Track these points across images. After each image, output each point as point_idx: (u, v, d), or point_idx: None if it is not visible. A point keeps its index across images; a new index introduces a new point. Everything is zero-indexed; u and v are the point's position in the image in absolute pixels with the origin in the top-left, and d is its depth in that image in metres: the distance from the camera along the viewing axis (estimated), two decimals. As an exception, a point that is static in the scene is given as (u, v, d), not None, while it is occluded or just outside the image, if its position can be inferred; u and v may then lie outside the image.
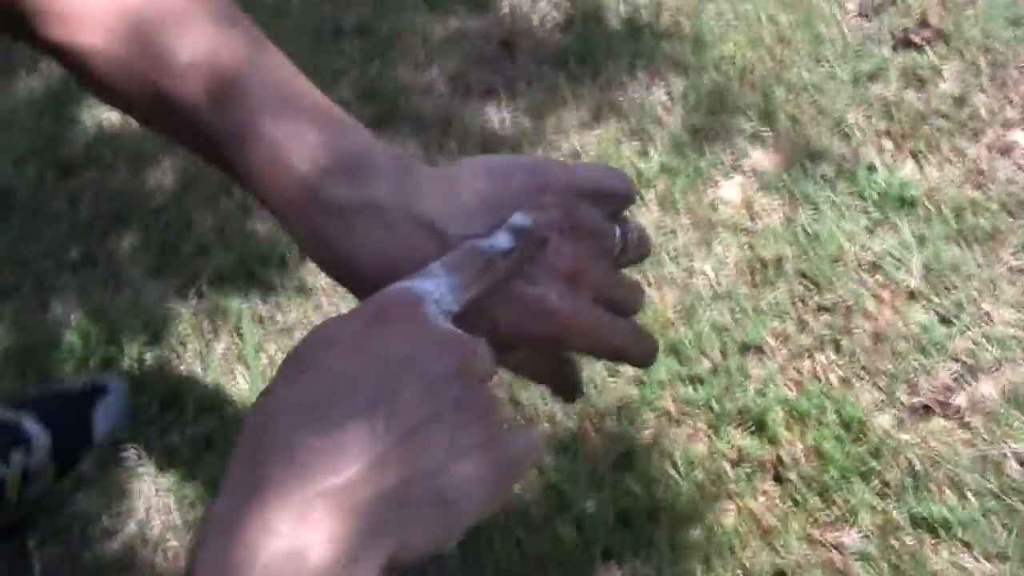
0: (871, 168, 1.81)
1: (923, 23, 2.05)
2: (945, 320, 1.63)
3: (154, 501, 1.50)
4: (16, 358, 1.63)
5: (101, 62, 0.77)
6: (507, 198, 0.69)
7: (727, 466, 1.50)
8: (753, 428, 1.53)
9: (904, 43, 2.02)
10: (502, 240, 0.66)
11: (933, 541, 1.43)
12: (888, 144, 1.85)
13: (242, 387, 1.59)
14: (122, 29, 0.76)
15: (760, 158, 1.84)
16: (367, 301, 0.61)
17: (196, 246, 1.76)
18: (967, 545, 1.42)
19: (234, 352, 1.64)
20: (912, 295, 1.66)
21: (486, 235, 0.67)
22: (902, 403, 1.55)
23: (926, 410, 1.55)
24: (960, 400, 1.55)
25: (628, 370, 1.57)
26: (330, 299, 1.69)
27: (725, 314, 1.65)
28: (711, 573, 1.40)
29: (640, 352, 0.74)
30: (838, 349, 1.61)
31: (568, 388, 0.78)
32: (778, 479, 1.49)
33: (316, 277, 1.71)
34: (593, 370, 1.57)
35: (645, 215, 1.78)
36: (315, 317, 1.62)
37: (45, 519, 1.48)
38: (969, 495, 1.46)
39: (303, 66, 0.68)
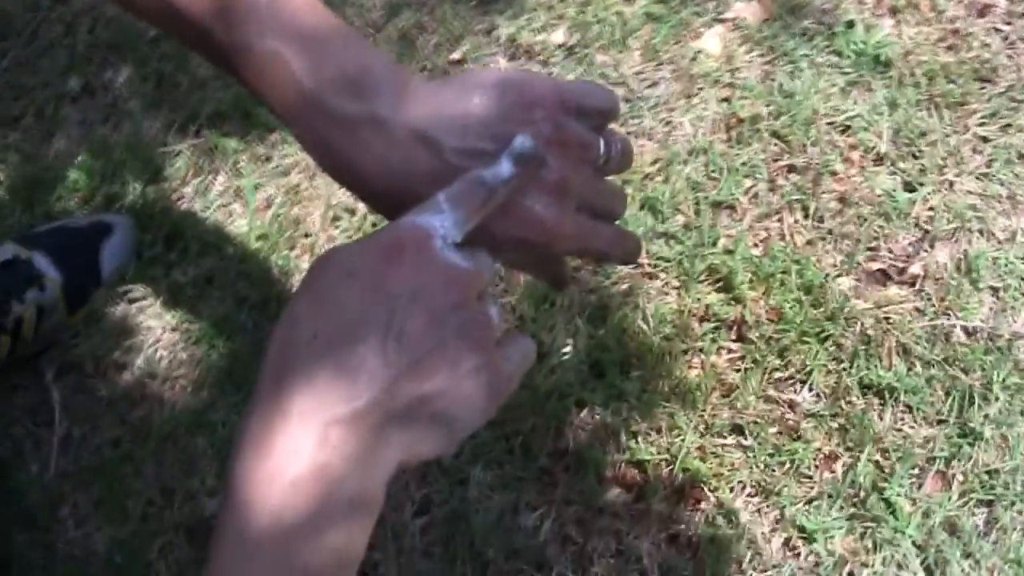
0: (850, 24, 1.85)
1: None
2: (908, 186, 1.71)
3: (161, 337, 1.59)
4: (23, 191, 1.67)
5: None
6: (499, 112, 0.74)
7: (694, 322, 1.60)
8: (720, 286, 1.63)
9: None
10: (504, 168, 0.71)
11: (879, 404, 1.55)
12: (868, -1, 1.89)
13: (240, 225, 1.66)
14: None
15: (743, 8, 1.88)
16: (379, 234, 0.67)
17: (193, 81, 1.78)
18: (909, 409, 1.54)
19: (232, 191, 1.70)
20: (879, 159, 1.73)
21: (481, 152, 0.73)
22: (861, 267, 1.64)
23: (883, 275, 1.65)
24: (916, 268, 1.64)
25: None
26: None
27: (700, 170, 1.72)
28: (676, 428, 1.52)
29: (622, 253, 0.84)
30: (805, 210, 1.69)
31: (556, 278, 0.88)
32: (740, 338, 1.59)
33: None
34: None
35: (627, 62, 1.82)
36: (310, 159, 1.67)
37: (59, 354, 1.56)
38: (916, 363, 1.57)
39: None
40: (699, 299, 1.61)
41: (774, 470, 1.50)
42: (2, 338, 1.49)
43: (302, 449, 0.63)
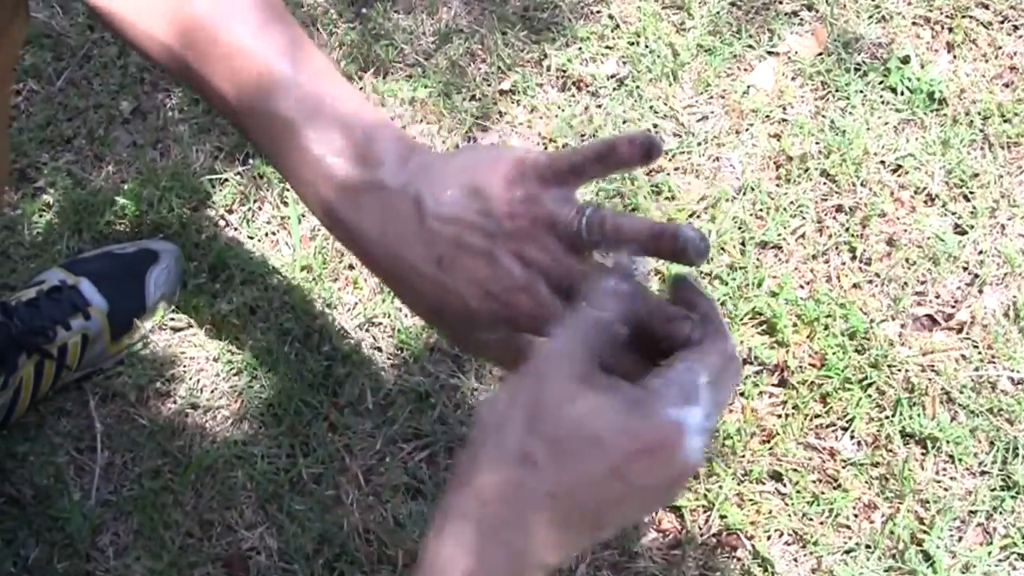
0: (905, 60, 1.83)
1: None
2: (959, 228, 1.69)
3: (204, 367, 1.60)
4: (72, 215, 1.69)
5: (138, 32, 0.86)
6: (483, 188, 0.76)
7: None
8: (764, 328, 1.62)
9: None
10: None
11: (921, 454, 1.53)
12: (925, 33, 1.86)
13: (285, 255, 1.67)
14: (165, 9, 0.85)
15: (796, 42, 1.86)
16: (635, 419, 0.67)
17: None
18: (951, 459, 1.53)
19: (277, 220, 1.70)
20: (930, 200, 1.71)
21: (458, 220, 0.75)
22: (907, 312, 1.63)
23: (930, 320, 1.63)
24: (963, 314, 1.62)
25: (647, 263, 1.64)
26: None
27: (748, 209, 1.70)
28: (714, 474, 1.51)
29: None
30: (853, 252, 1.67)
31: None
32: (783, 383, 1.58)
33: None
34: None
35: (678, 95, 1.81)
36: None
37: (103, 382, 1.58)
38: (960, 412, 1.55)
39: None
40: (742, 342, 1.60)
41: (812, 519, 1.49)
42: (47, 364, 1.51)
43: None
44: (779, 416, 1.55)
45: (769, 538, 1.48)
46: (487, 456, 0.67)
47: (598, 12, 1.88)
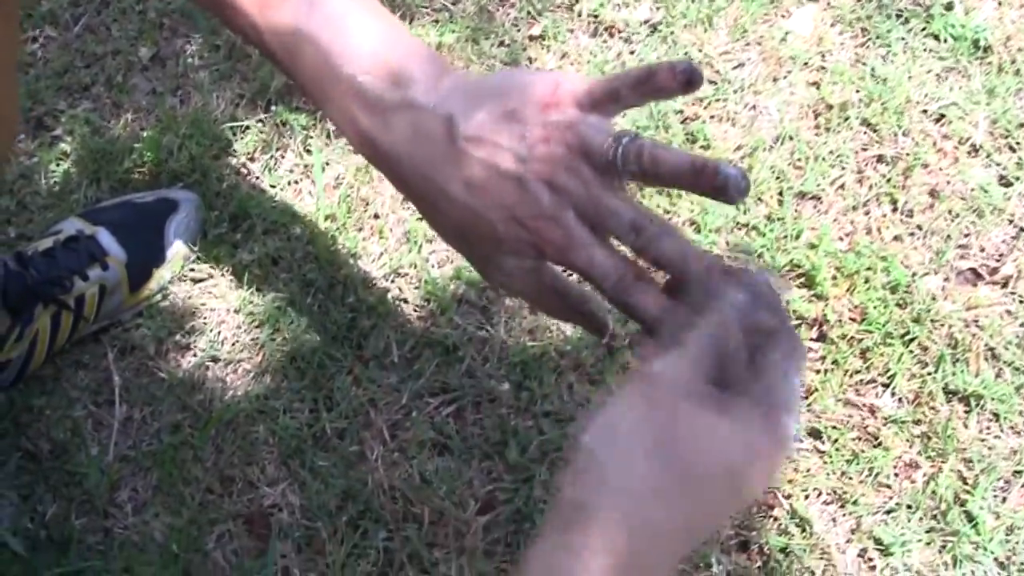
0: (949, 6, 1.76)
1: None
2: (1004, 180, 1.64)
3: (225, 319, 1.56)
4: (91, 164, 1.64)
5: None
6: (518, 111, 0.75)
7: (773, 319, 1.54)
8: (802, 282, 1.57)
9: None
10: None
11: (964, 412, 1.48)
12: (969, -23, 1.80)
13: (308, 204, 1.62)
14: None
15: (837, -14, 1.80)
16: (755, 429, 0.67)
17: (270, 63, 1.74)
18: (996, 418, 1.48)
19: (300, 168, 1.66)
20: (974, 150, 1.66)
21: (493, 144, 0.74)
22: (951, 266, 1.57)
23: (973, 274, 1.58)
24: (1008, 268, 1.57)
25: (682, 212, 1.59)
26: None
27: (785, 159, 1.65)
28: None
29: (610, 292, 0.79)
30: (894, 204, 1.62)
31: (592, 324, 0.86)
32: (821, 337, 1.53)
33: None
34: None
35: (713, 41, 1.75)
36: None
37: (121, 334, 1.54)
38: (1005, 369, 1.50)
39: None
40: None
41: (851, 478, 1.44)
42: (64, 316, 1.47)
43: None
44: (818, 372, 1.50)
45: (807, 497, 1.44)
46: (609, 494, 0.65)
47: (631, -45, 1.82)
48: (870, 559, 1.41)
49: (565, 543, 0.64)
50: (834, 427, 1.47)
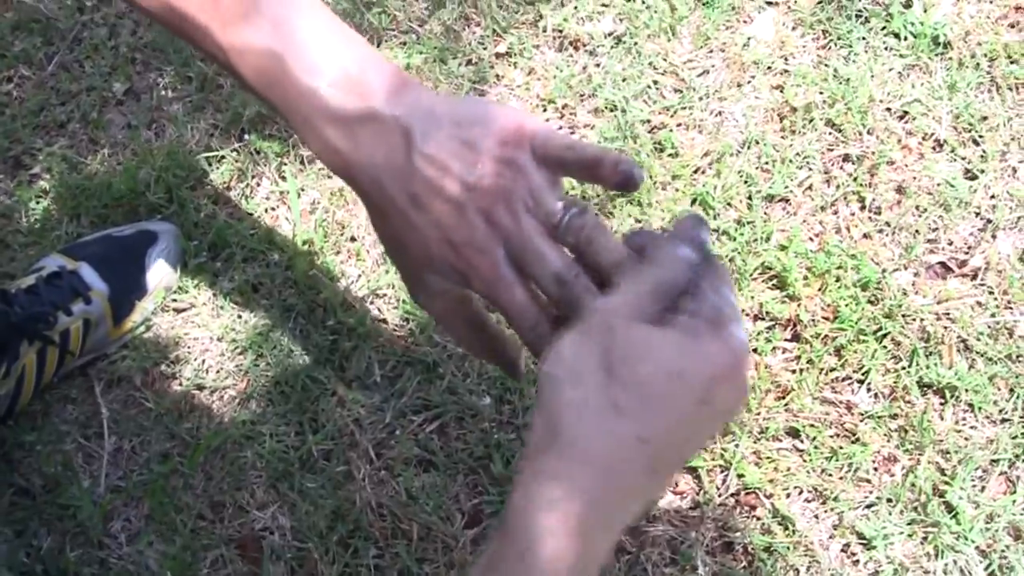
0: (907, 4, 1.79)
1: None
2: (969, 173, 1.66)
3: (208, 347, 1.58)
4: (70, 200, 1.67)
5: None
6: (476, 141, 0.77)
7: (748, 322, 1.57)
8: (774, 283, 1.59)
9: None
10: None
11: (940, 404, 1.51)
12: (926, -25, 1.83)
13: (285, 230, 1.64)
14: None
15: (796, -10, 1.83)
16: (707, 341, 0.69)
17: (236, 83, 1.77)
18: (971, 408, 1.50)
19: (276, 195, 1.68)
20: (939, 145, 1.68)
21: (442, 166, 0.76)
22: (920, 260, 1.60)
23: (943, 268, 1.60)
24: (977, 260, 1.59)
25: (654, 221, 1.61)
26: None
27: (753, 162, 1.67)
28: (729, 432, 1.49)
29: (523, 335, 0.82)
30: (862, 202, 1.64)
31: (508, 366, 0.89)
32: (796, 337, 1.55)
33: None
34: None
35: (677, 51, 1.77)
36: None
37: (107, 367, 1.56)
38: (978, 360, 1.53)
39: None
40: (752, 297, 1.57)
41: (831, 474, 1.47)
42: (50, 351, 1.49)
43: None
44: (793, 371, 1.53)
45: (788, 496, 1.46)
46: (569, 412, 0.67)
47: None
48: (853, 554, 1.43)
49: (536, 469, 0.67)
50: (812, 425, 1.49)
